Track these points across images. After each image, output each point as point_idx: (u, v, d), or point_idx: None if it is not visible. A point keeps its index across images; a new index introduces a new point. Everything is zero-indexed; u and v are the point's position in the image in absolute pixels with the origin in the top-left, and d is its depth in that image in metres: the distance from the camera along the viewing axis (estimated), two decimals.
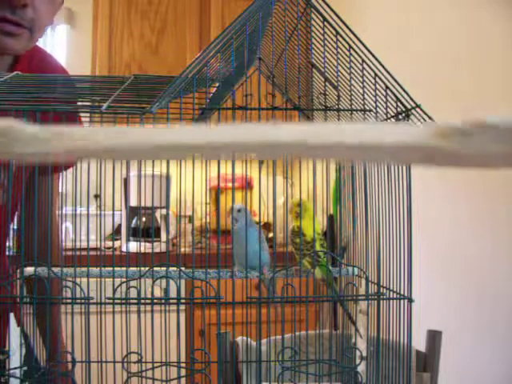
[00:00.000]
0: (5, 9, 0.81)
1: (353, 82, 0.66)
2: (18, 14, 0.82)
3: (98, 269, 0.69)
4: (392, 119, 0.68)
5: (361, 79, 0.66)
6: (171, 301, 0.64)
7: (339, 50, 0.65)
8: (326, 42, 0.66)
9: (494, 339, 2.52)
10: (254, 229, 0.80)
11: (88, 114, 0.64)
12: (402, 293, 0.67)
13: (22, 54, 0.91)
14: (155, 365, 0.65)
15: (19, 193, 0.91)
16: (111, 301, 0.61)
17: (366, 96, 0.67)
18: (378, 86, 0.66)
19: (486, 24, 2.52)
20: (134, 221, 2.42)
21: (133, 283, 0.63)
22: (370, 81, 0.66)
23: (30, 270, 0.67)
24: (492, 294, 2.49)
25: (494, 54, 2.55)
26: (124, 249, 2.41)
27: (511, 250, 2.56)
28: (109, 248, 2.21)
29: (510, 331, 2.54)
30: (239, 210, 0.79)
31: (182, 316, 0.70)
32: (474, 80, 2.50)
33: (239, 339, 1.03)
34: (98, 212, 0.78)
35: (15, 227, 0.99)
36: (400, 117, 0.67)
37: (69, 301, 0.64)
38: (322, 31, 0.66)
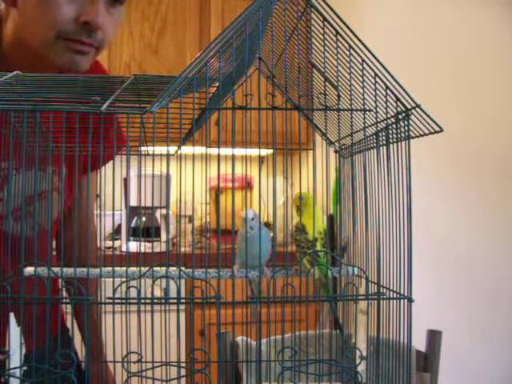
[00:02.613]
0: (82, 33, 0.86)
1: (353, 81, 0.66)
2: (93, 36, 0.87)
3: (98, 269, 0.69)
4: (392, 119, 0.68)
5: (361, 79, 0.66)
6: (171, 301, 0.64)
7: (339, 50, 0.65)
8: (325, 41, 0.66)
9: (493, 339, 2.52)
10: (266, 231, 0.81)
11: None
12: (402, 293, 0.67)
13: None
14: (155, 365, 0.65)
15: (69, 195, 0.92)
16: (111, 301, 0.61)
17: (365, 96, 0.67)
18: (377, 85, 0.66)
19: (486, 24, 2.52)
20: (133, 221, 2.42)
21: (133, 283, 0.63)
22: (369, 81, 0.66)
23: (29, 270, 0.67)
24: (492, 294, 2.50)
25: (493, 53, 2.55)
26: (124, 249, 2.41)
27: (509, 253, 2.56)
28: (109, 248, 2.21)
29: (509, 331, 2.54)
30: (253, 219, 0.79)
31: (182, 316, 0.70)
32: (474, 80, 2.50)
33: (239, 339, 1.03)
34: (98, 212, 0.78)
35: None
36: (400, 117, 0.67)
37: (69, 301, 0.64)
38: (322, 31, 0.66)
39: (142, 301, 0.63)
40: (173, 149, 0.84)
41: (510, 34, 2.56)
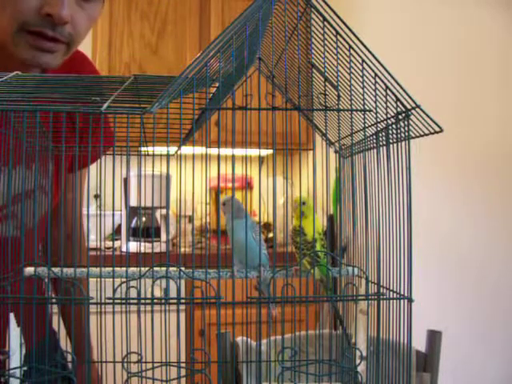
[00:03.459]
0: (45, 25, 0.81)
1: (353, 82, 0.66)
2: (57, 30, 0.82)
3: (98, 269, 0.69)
4: (392, 119, 0.68)
5: (361, 79, 0.66)
6: (171, 301, 0.64)
7: (339, 50, 0.65)
8: (326, 41, 0.66)
9: (493, 339, 2.52)
10: (242, 221, 0.79)
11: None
12: (401, 293, 0.67)
13: None
14: (155, 365, 0.65)
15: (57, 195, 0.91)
16: (111, 301, 0.61)
17: (365, 96, 0.67)
18: (377, 86, 0.66)
19: (486, 24, 2.52)
20: (133, 221, 2.42)
21: (133, 283, 0.63)
22: (369, 81, 0.66)
23: (29, 269, 0.67)
24: (492, 294, 2.50)
25: (493, 53, 2.55)
26: (124, 249, 2.41)
27: (510, 254, 2.56)
28: (109, 248, 2.21)
29: (509, 331, 2.54)
30: (224, 204, 0.79)
31: (182, 316, 0.70)
32: (475, 79, 2.50)
33: (239, 339, 1.03)
34: (98, 212, 0.78)
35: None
36: (400, 117, 0.67)
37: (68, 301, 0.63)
38: (322, 31, 0.66)
39: (142, 301, 0.63)
40: (173, 149, 0.84)
41: (510, 33, 2.56)
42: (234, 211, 0.78)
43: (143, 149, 0.85)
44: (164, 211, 2.40)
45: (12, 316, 0.61)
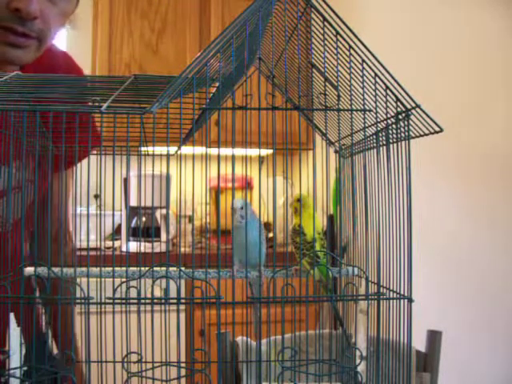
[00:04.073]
0: (14, 20, 0.80)
1: (353, 82, 0.66)
2: (27, 25, 0.81)
3: (98, 269, 0.69)
4: (392, 119, 0.68)
5: (361, 79, 0.66)
6: (171, 301, 0.64)
7: (339, 50, 0.65)
8: (326, 42, 0.66)
9: (493, 339, 2.52)
10: (255, 222, 0.80)
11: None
12: (402, 293, 0.67)
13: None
14: (155, 365, 0.65)
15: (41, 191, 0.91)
16: (111, 301, 0.61)
17: (365, 96, 0.67)
18: (377, 86, 0.66)
19: (486, 24, 2.52)
20: (133, 221, 2.42)
21: (133, 283, 0.63)
22: (369, 81, 0.66)
23: (29, 269, 0.67)
24: (491, 294, 2.50)
25: (494, 53, 2.55)
26: (124, 249, 2.41)
27: (510, 254, 2.56)
28: (109, 248, 2.21)
29: (509, 331, 2.54)
30: (242, 208, 0.79)
31: (182, 316, 0.70)
32: (474, 79, 2.50)
33: (239, 339, 1.03)
34: (98, 212, 0.78)
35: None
36: (400, 117, 0.67)
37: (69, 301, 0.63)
38: (322, 31, 0.66)
39: (142, 301, 0.63)
40: (173, 149, 0.84)
41: (510, 33, 2.56)
42: (249, 212, 0.78)
43: (143, 149, 0.85)
44: (164, 211, 2.40)
45: (12, 316, 0.61)
